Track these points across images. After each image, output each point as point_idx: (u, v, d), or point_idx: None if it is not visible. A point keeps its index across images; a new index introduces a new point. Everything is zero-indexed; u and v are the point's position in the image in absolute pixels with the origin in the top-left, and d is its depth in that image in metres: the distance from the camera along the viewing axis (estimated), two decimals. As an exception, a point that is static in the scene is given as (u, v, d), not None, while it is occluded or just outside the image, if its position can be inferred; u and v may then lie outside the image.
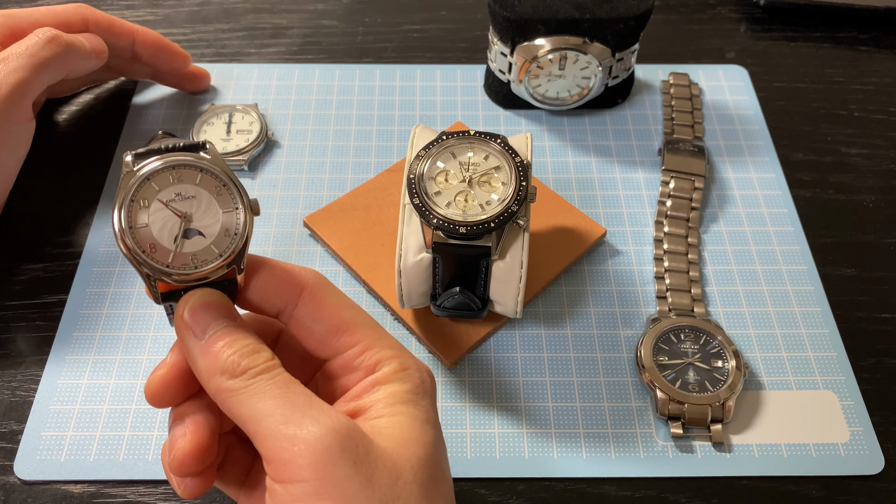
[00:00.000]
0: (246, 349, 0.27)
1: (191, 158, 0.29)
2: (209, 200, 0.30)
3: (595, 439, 0.38)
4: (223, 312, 0.28)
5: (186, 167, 0.29)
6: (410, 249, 0.37)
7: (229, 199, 0.30)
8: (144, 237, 0.29)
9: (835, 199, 0.49)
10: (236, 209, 0.30)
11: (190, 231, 0.29)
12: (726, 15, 0.61)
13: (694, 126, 0.51)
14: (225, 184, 0.30)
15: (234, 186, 0.30)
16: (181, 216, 0.29)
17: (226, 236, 0.30)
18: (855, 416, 0.39)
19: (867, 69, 0.57)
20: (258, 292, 0.30)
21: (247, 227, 0.30)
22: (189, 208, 0.29)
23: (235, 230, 0.30)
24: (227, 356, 0.27)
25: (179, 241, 0.29)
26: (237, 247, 0.30)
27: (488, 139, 0.38)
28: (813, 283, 0.44)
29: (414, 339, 0.42)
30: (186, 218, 0.29)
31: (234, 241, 0.30)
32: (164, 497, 0.36)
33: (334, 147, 0.51)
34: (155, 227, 0.29)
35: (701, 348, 0.40)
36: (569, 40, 0.47)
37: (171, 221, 0.29)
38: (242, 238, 0.30)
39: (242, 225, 0.30)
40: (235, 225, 0.30)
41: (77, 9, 0.46)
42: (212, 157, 0.30)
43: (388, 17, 0.60)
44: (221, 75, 0.55)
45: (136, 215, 0.29)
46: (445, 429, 0.38)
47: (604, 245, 0.46)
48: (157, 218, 0.29)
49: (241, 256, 0.30)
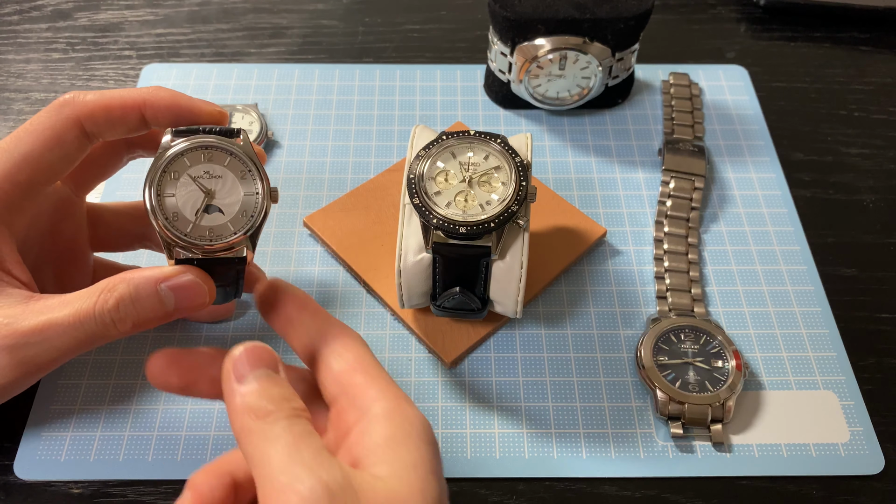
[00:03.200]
0: (277, 395, 0.28)
1: (224, 142, 0.32)
2: (234, 182, 0.33)
3: (595, 439, 0.38)
4: (266, 362, 0.29)
5: (218, 149, 0.32)
6: (410, 249, 0.37)
7: (252, 183, 0.33)
8: (169, 206, 0.32)
9: (835, 199, 0.49)
10: (257, 194, 0.33)
11: (211, 207, 0.32)
12: (726, 15, 0.61)
13: (694, 126, 0.51)
14: (250, 169, 0.33)
15: (257, 172, 0.33)
16: (206, 192, 0.32)
17: (242, 216, 0.32)
18: (855, 416, 0.39)
19: (867, 69, 0.57)
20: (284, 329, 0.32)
21: (264, 209, 0.33)
22: (214, 186, 0.32)
23: (252, 212, 0.33)
24: (256, 398, 0.27)
25: (200, 214, 0.32)
26: (251, 227, 0.32)
27: (488, 139, 0.38)
28: (813, 283, 0.44)
29: (414, 339, 0.42)
30: (210, 194, 0.32)
31: (250, 221, 0.32)
32: (164, 497, 0.36)
33: (334, 147, 0.51)
34: (180, 199, 0.32)
35: (701, 348, 0.40)
36: (569, 40, 0.47)
37: (196, 195, 0.32)
38: (258, 220, 0.32)
39: (260, 208, 0.33)
40: (254, 207, 0.33)
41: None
42: (243, 143, 0.33)
43: (388, 17, 0.60)
44: (221, 75, 0.55)
45: (165, 185, 0.32)
46: (445, 428, 0.38)
47: (604, 245, 0.46)
48: (184, 191, 0.32)
49: (255, 236, 0.33)
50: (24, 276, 0.34)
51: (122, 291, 0.31)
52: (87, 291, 0.31)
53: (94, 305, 0.31)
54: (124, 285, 0.31)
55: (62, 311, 0.31)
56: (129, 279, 0.31)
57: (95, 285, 0.32)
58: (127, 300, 0.31)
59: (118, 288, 0.31)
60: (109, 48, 0.57)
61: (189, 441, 0.38)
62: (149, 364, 0.31)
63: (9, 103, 0.53)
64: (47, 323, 0.31)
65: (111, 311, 0.31)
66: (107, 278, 0.32)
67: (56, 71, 0.56)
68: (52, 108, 0.34)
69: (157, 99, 0.34)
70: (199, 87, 0.54)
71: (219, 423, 0.38)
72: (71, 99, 0.34)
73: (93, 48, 0.57)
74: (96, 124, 0.34)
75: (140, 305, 0.31)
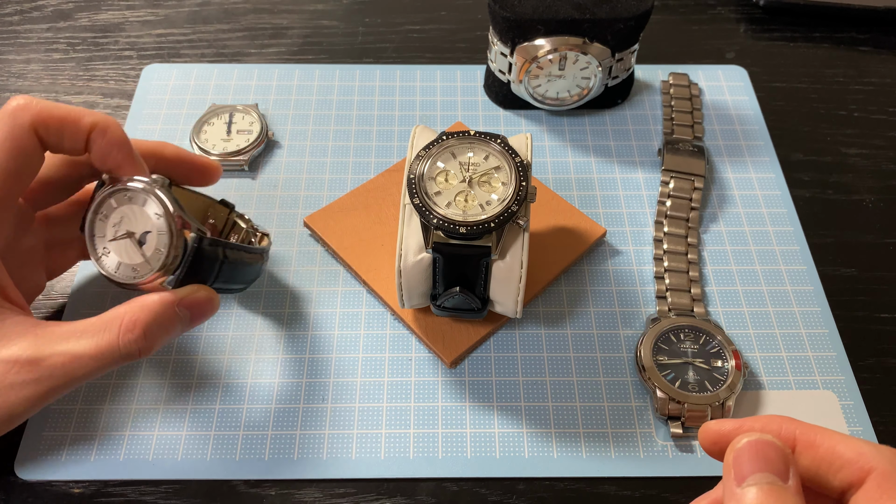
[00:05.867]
0: None
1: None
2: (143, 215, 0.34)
3: (595, 439, 0.38)
4: (773, 465, 0.24)
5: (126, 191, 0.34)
6: (410, 249, 0.37)
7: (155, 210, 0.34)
8: (109, 265, 0.34)
9: (834, 199, 0.49)
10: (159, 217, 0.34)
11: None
12: (726, 15, 0.62)
13: (694, 126, 0.51)
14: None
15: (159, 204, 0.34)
16: (127, 234, 0.34)
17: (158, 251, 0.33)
18: (855, 416, 0.39)
19: (867, 69, 0.57)
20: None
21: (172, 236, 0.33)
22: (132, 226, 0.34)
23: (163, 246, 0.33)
24: None
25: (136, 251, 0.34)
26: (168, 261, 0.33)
27: (488, 139, 0.38)
28: (812, 282, 0.44)
29: (414, 339, 0.42)
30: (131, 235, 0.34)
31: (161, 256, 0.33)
32: (164, 496, 0.36)
33: (334, 147, 0.51)
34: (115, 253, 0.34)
35: (701, 348, 0.40)
36: (569, 40, 0.47)
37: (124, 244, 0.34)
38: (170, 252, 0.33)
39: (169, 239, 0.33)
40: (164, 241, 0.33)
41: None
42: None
43: (388, 17, 0.61)
44: (222, 75, 0.55)
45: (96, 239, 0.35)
46: (445, 428, 0.38)
47: (604, 245, 0.46)
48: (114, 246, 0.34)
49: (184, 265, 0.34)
50: (19, 298, 0.34)
51: (146, 321, 0.32)
52: (101, 322, 0.32)
53: (119, 338, 0.32)
54: (146, 315, 0.32)
55: (83, 343, 0.32)
56: (147, 307, 0.32)
57: (109, 316, 0.32)
58: (154, 327, 0.32)
59: (140, 318, 0.32)
60: (110, 48, 0.57)
61: (189, 441, 0.38)
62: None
63: (9, 103, 0.53)
64: (72, 358, 0.31)
65: (138, 340, 0.32)
66: (117, 308, 0.33)
67: (57, 71, 0.56)
68: (6, 115, 0.33)
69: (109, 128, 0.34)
70: (200, 88, 0.54)
71: (219, 422, 0.38)
72: (25, 104, 0.33)
73: (93, 48, 0.57)
74: (49, 132, 0.34)
75: (164, 330, 0.33)
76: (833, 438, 0.26)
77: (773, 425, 0.27)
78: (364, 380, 0.40)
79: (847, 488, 0.25)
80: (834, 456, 0.25)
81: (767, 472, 0.24)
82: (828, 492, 0.26)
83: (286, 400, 0.39)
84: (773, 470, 0.24)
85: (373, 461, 0.37)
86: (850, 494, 0.25)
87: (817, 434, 0.26)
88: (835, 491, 0.25)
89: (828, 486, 0.26)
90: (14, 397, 0.31)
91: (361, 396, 0.39)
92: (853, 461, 0.25)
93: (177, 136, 0.51)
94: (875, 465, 0.24)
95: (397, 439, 0.38)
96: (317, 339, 0.41)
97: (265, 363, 0.40)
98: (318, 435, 0.38)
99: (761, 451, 0.24)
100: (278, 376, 0.40)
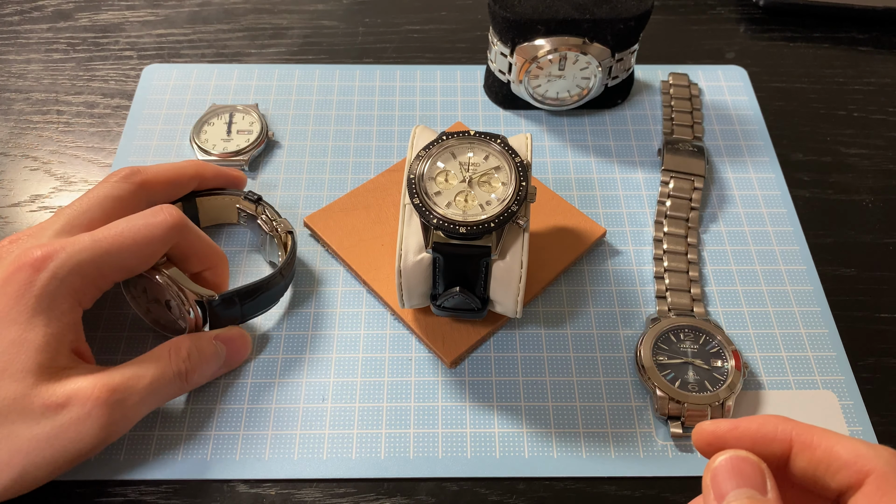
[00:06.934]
0: None
1: None
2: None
3: (595, 439, 0.38)
4: (751, 481, 0.25)
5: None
6: (410, 249, 0.37)
7: None
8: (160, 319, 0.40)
9: (834, 199, 0.49)
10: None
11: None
12: (726, 15, 0.62)
13: (693, 126, 0.52)
14: None
15: None
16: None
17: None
18: (855, 416, 0.39)
19: (867, 69, 0.57)
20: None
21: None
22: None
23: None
24: None
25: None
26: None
27: (488, 139, 0.38)
28: (812, 282, 0.44)
29: (414, 339, 0.42)
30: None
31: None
32: (165, 496, 0.36)
33: (334, 147, 0.51)
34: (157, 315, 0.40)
35: (700, 348, 0.40)
36: (568, 41, 0.47)
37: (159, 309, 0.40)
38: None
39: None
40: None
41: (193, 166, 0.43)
42: None
43: (388, 17, 0.61)
44: (222, 75, 0.55)
45: None
46: (445, 428, 0.38)
47: (604, 245, 0.46)
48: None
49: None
50: (89, 355, 0.36)
51: (188, 345, 0.37)
52: (151, 356, 0.36)
53: (170, 360, 0.36)
54: (189, 341, 0.37)
55: (144, 367, 0.35)
56: (188, 336, 0.37)
57: (160, 350, 0.36)
58: (194, 350, 0.37)
59: (184, 343, 0.37)
60: (110, 48, 0.57)
61: (190, 440, 0.38)
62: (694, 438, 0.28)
63: (9, 104, 0.53)
64: (137, 377, 0.34)
65: (184, 360, 0.36)
66: (164, 343, 0.36)
67: (57, 71, 0.56)
68: (125, 184, 0.38)
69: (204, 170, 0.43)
70: (200, 88, 0.54)
71: (219, 422, 0.38)
72: (140, 175, 0.39)
73: (93, 48, 0.57)
74: (156, 195, 0.40)
75: (204, 358, 0.37)
76: (830, 439, 0.25)
77: (769, 426, 0.27)
78: (364, 380, 0.40)
79: (845, 490, 0.25)
80: (831, 457, 0.25)
81: (746, 487, 0.24)
82: (825, 493, 0.26)
83: (286, 400, 0.39)
84: (752, 484, 0.24)
85: (373, 461, 0.37)
86: (848, 497, 0.25)
87: (814, 435, 0.26)
88: (832, 493, 0.25)
89: (825, 488, 0.26)
90: (89, 426, 0.32)
91: (361, 396, 0.39)
92: (851, 463, 0.25)
93: (177, 136, 0.51)
94: (873, 467, 0.24)
95: (397, 439, 0.38)
96: (317, 338, 0.42)
97: (265, 363, 0.41)
98: (318, 435, 0.38)
99: (737, 467, 0.25)
100: (278, 376, 0.40)
